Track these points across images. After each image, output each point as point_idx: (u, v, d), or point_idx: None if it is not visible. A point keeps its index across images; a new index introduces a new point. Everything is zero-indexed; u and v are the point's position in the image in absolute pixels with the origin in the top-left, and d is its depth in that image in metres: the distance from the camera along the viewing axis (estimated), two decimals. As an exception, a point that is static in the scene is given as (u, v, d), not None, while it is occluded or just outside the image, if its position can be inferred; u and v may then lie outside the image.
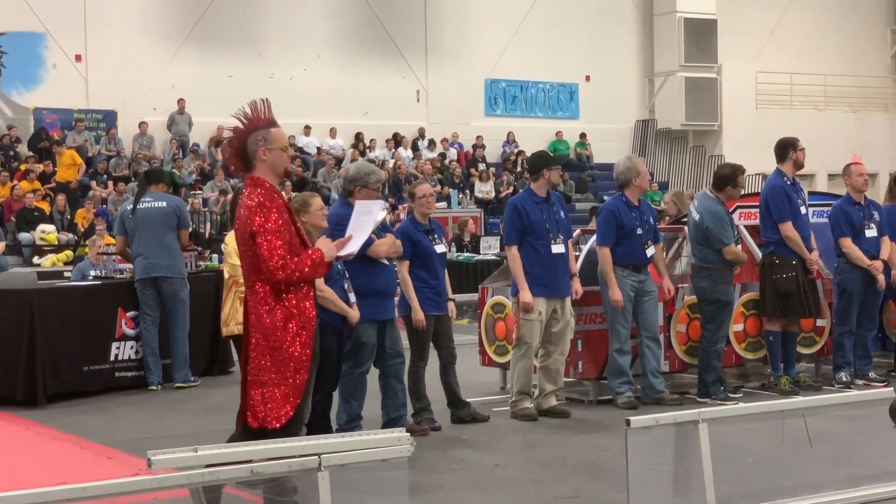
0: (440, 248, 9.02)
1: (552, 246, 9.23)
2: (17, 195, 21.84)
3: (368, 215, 6.47)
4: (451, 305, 9.15)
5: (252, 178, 5.89)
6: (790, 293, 9.98)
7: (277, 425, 5.83)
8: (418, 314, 8.77)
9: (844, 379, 10.37)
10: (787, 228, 10.02)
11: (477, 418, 9.17)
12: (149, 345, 11.19)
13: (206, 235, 21.99)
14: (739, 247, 10.06)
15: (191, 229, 11.77)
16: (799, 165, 10.30)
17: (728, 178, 9.96)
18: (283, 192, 6.95)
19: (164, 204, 11.30)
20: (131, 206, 11.43)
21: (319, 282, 7.03)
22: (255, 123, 5.92)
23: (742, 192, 10.35)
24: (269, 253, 5.71)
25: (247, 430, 5.94)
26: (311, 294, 5.91)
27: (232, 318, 7.12)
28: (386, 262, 8.39)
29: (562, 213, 9.44)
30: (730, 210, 10.33)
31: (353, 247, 6.21)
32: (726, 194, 9.97)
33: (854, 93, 34.01)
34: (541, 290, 9.19)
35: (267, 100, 5.99)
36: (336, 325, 7.84)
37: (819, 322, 10.70)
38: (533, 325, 9.20)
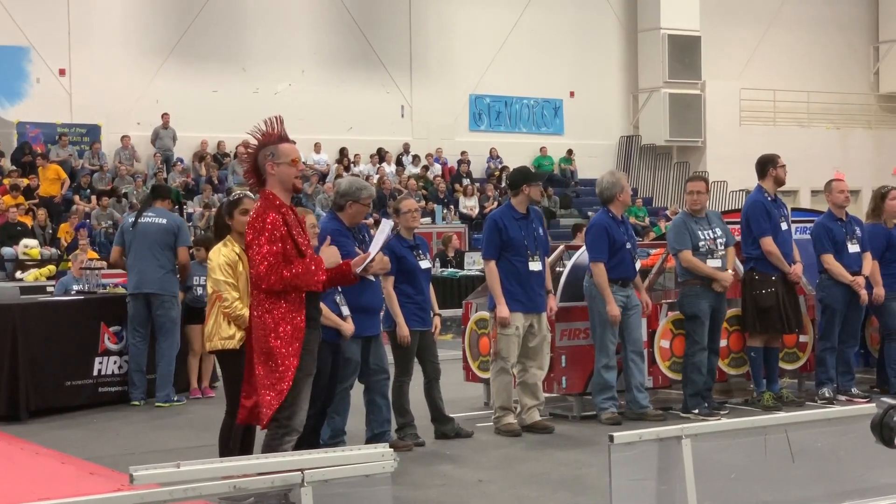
0: (425, 264, 9.03)
1: (530, 263, 9.25)
2: (0, 209, 21.74)
3: (382, 234, 6.64)
4: (436, 320, 9.16)
5: (262, 192, 6.18)
6: (770, 308, 10.02)
7: (261, 427, 6.16)
8: (403, 330, 8.77)
9: (827, 395, 10.40)
10: (767, 243, 10.06)
11: (461, 434, 9.17)
12: (135, 361, 11.14)
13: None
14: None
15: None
16: (779, 182, 10.36)
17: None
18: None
19: (164, 221, 11.25)
20: (133, 218, 11.39)
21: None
22: (266, 139, 6.18)
23: (706, 199, 10.23)
24: (259, 259, 5.98)
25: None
26: (303, 306, 6.10)
27: (215, 333, 7.06)
28: (372, 278, 8.37)
29: (540, 230, 9.46)
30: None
31: (366, 262, 6.52)
32: (687, 205, 10.13)
33: (837, 110, 34.16)
34: (517, 306, 9.21)
35: (280, 116, 6.24)
36: (329, 339, 7.74)
37: (802, 338, 10.73)
38: (510, 339, 9.22)
